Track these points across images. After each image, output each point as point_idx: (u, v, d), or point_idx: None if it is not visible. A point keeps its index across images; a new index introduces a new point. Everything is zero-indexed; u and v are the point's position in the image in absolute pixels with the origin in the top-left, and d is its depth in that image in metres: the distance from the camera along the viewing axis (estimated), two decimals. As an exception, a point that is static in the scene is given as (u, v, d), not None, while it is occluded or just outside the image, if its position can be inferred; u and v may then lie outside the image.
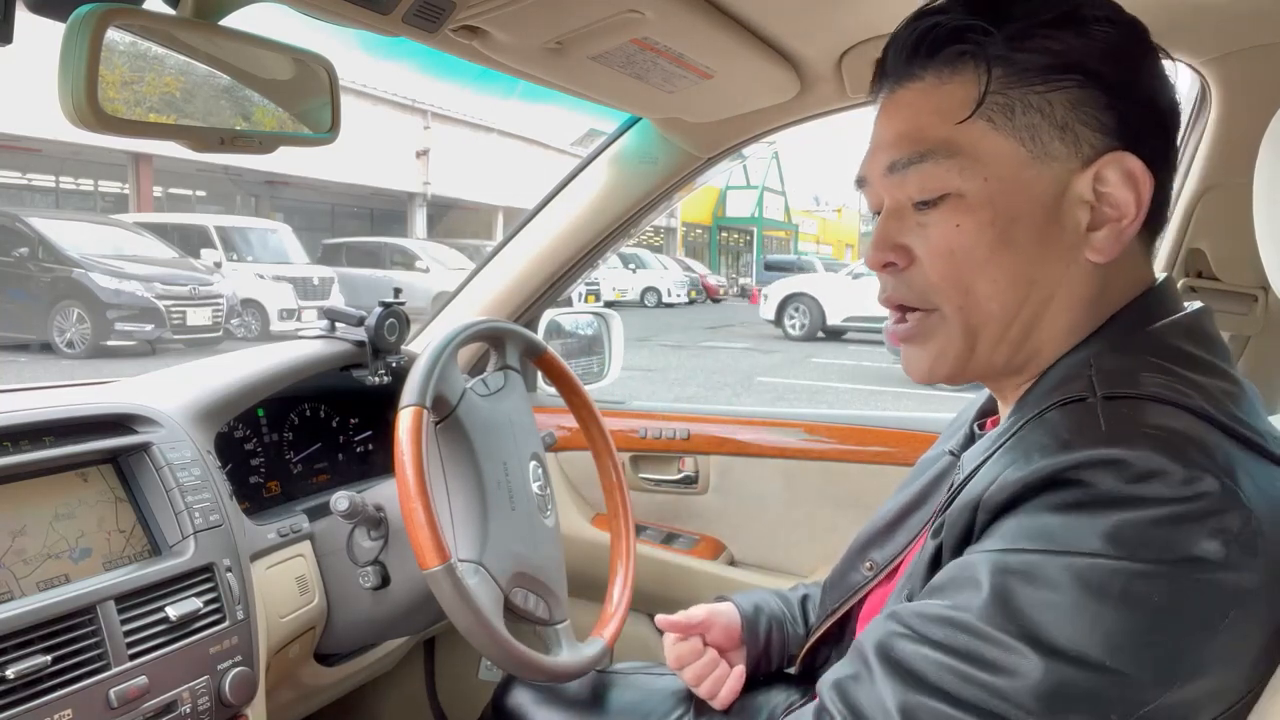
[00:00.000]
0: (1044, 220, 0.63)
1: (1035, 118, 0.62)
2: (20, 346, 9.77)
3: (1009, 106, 0.62)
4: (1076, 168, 0.63)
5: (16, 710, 0.77)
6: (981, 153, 0.63)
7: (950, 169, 0.64)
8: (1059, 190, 0.63)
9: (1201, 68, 1.12)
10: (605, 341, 1.85)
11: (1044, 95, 0.62)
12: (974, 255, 0.64)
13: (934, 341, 0.67)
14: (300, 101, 0.84)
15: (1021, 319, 0.65)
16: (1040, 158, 0.63)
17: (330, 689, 1.29)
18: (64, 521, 0.91)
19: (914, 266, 0.67)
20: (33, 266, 9.78)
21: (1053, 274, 0.64)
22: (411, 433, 0.98)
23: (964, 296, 0.65)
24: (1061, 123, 0.62)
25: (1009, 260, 0.63)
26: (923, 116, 0.65)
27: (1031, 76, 0.62)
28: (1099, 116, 0.62)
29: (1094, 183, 0.63)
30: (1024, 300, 0.64)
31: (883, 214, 0.68)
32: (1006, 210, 0.63)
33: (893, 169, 0.66)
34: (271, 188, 19.24)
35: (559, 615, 1.14)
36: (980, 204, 0.63)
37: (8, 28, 0.63)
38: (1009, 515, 0.56)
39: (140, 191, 15.18)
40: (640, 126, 1.46)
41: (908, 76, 0.67)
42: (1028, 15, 0.63)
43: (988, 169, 0.63)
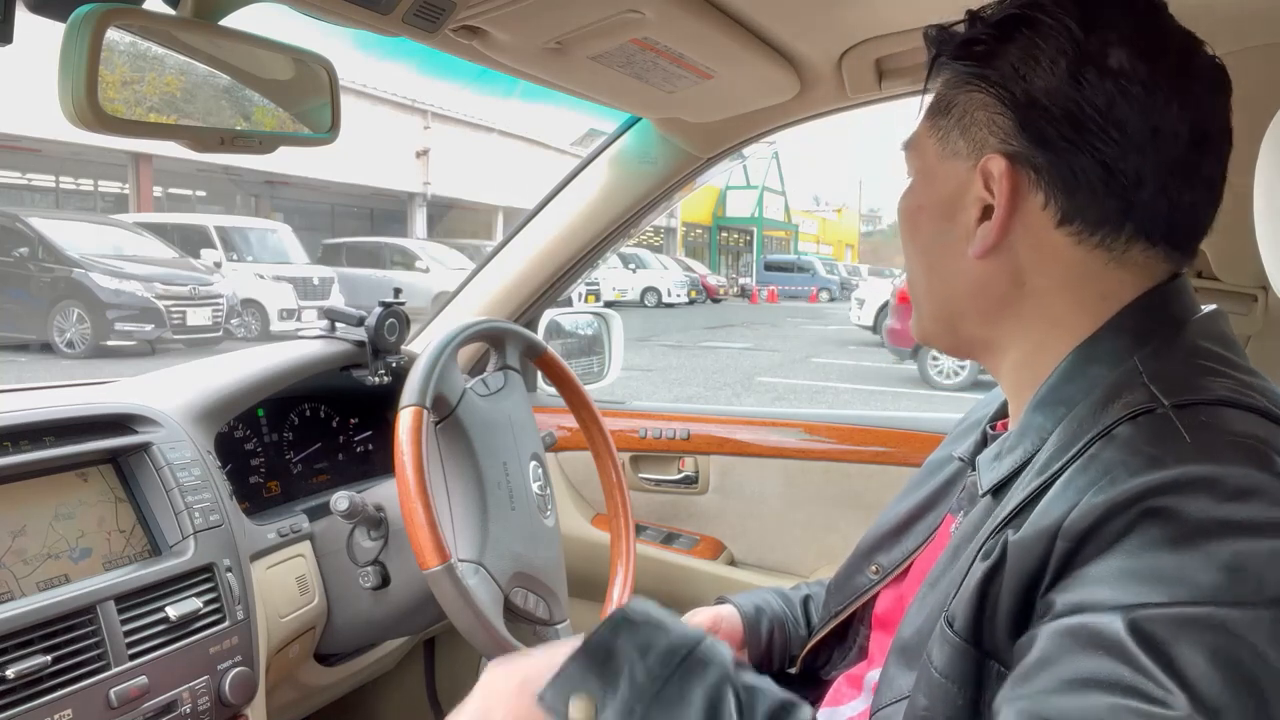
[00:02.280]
0: (941, 213, 0.69)
1: (952, 118, 0.68)
2: (20, 346, 9.77)
3: (944, 107, 0.69)
4: (970, 165, 0.66)
5: (16, 710, 0.77)
6: (921, 148, 0.71)
7: (909, 158, 0.72)
8: (959, 187, 0.67)
9: (1201, 68, 1.12)
10: (605, 341, 1.85)
11: (967, 96, 0.67)
12: (905, 237, 0.73)
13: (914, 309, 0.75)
14: (300, 101, 0.84)
15: (940, 304, 0.71)
16: (948, 155, 0.68)
17: (330, 689, 1.29)
18: (64, 521, 0.91)
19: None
20: (33, 266, 9.79)
21: (946, 264, 0.69)
22: (411, 433, 0.98)
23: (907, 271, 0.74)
24: (967, 123, 0.67)
25: (918, 246, 0.71)
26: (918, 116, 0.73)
27: (961, 80, 0.67)
28: (995, 119, 0.65)
29: (984, 182, 0.65)
30: (931, 286, 0.71)
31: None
32: (919, 199, 0.71)
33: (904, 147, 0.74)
34: (271, 188, 19.24)
35: (559, 615, 1.14)
36: (911, 192, 0.72)
37: (8, 28, 0.63)
38: (1104, 553, 0.51)
39: (140, 191, 15.18)
40: (640, 126, 1.46)
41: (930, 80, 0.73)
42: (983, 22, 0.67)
43: (919, 161, 0.71)
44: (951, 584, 0.62)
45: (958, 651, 0.59)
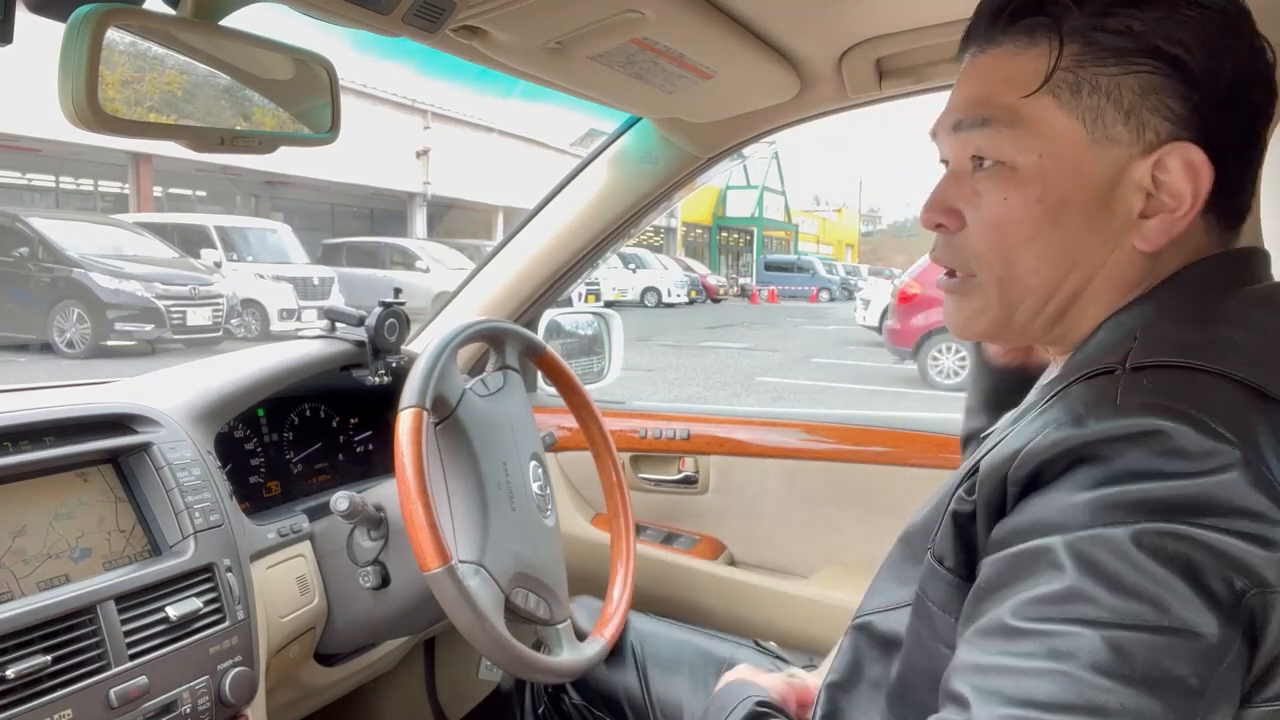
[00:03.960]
0: (1094, 203, 0.63)
1: (1101, 99, 0.62)
2: (20, 346, 9.77)
3: (1076, 85, 0.62)
4: (1137, 154, 0.62)
5: (16, 710, 0.77)
6: (1042, 128, 0.63)
7: (1008, 139, 0.64)
8: (1115, 174, 0.62)
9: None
10: (605, 341, 1.85)
11: (1114, 78, 0.61)
12: (1020, 230, 0.64)
13: (973, 300, 0.69)
14: (300, 101, 0.84)
15: (1060, 297, 0.65)
16: (1100, 140, 0.62)
17: (330, 689, 1.29)
18: (64, 521, 0.91)
19: (963, 232, 0.68)
20: (33, 266, 9.78)
21: (1096, 257, 0.64)
22: (411, 433, 0.98)
23: (1005, 269, 0.65)
24: (1128, 107, 0.61)
25: (1053, 239, 0.64)
26: (994, 83, 0.65)
27: (1105, 57, 0.61)
28: (1169, 104, 0.61)
29: (1153, 170, 0.62)
30: (1063, 279, 0.65)
31: (945, 175, 0.70)
32: (1057, 189, 0.63)
33: (957, 128, 0.67)
34: (271, 188, 19.24)
35: (559, 615, 1.14)
36: (1031, 179, 0.63)
37: (8, 28, 0.63)
38: (1037, 493, 0.55)
39: (140, 191, 15.18)
40: (640, 126, 1.46)
41: (988, 42, 0.66)
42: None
43: (1045, 145, 0.63)
44: (935, 517, 0.65)
45: (951, 587, 0.62)
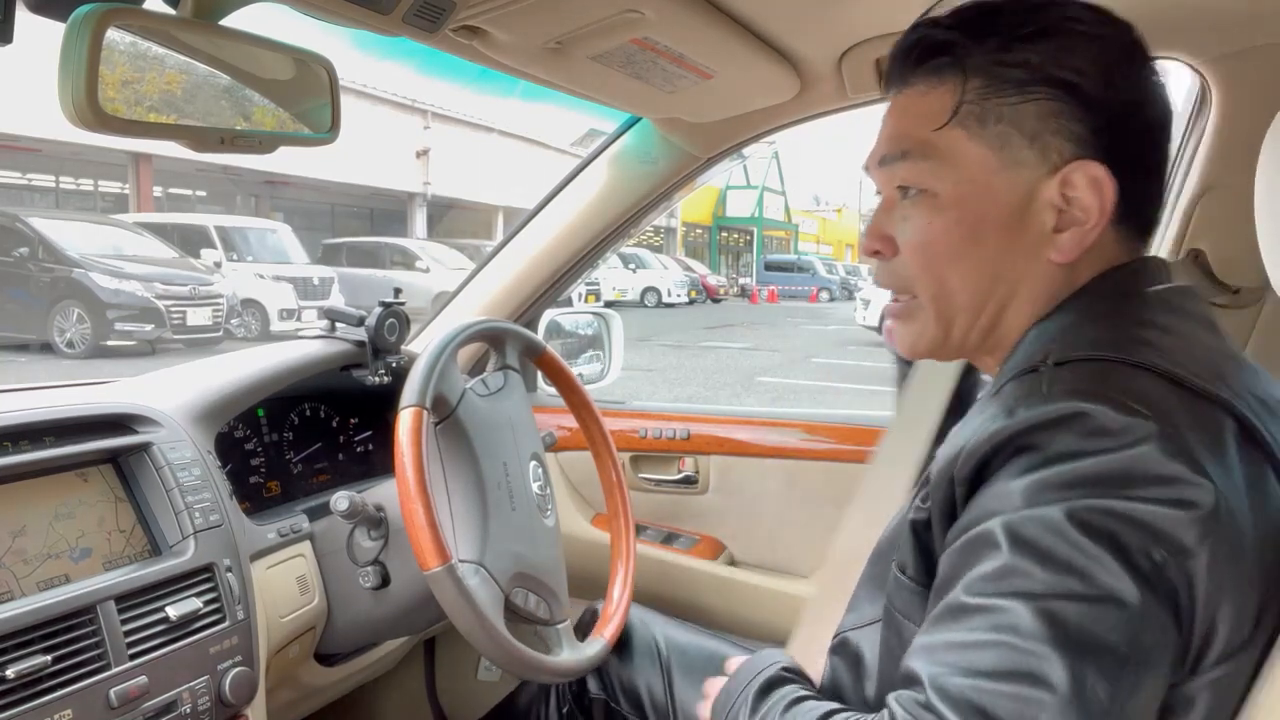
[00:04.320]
0: (1010, 222, 0.68)
1: (1006, 127, 0.67)
2: (20, 346, 9.77)
3: (983, 116, 0.68)
4: (1044, 174, 0.67)
5: (16, 710, 0.77)
6: (955, 157, 0.69)
7: (925, 169, 0.70)
8: (1027, 195, 0.68)
9: (1201, 68, 1.12)
10: (605, 341, 1.85)
11: (1016, 106, 0.67)
12: (945, 250, 0.70)
13: (915, 323, 0.74)
14: (300, 101, 0.84)
15: (989, 310, 0.71)
16: (1009, 164, 0.68)
17: (330, 689, 1.29)
18: (64, 521, 0.91)
19: (897, 257, 0.73)
20: (33, 266, 9.78)
21: (1017, 270, 0.69)
22: (411, 433, 0.98)
23: (938, 286, 0.71)
24: (1031, 132, 0.67)
25: (976, 256, 0.69)
26: (909, 120, 0.72)
27: (1006, 89, 0.67)
28: (1069, 126, 0.67)
29: (1061, 188, 0.67)
30: (990, 292, 0.70)
31: (878, 206, 0.75)
32: (975, 211, 0.69)
33: (882, 163, 0.73)
34: (271, 188, 19.23)
35: (559, 615, 1.14)
36: (951, 204, 0.69)
37: (8, 28, 0.63)
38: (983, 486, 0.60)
39: (140, 191, 15.17)
40: (640, 126, 1.46)
41: (903, 82, 0.73)
42: (1010, 29, 0.67)
43: (959, 172, 0.69)
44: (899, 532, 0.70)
45: (914, 594, 0.67)
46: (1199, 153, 1.21)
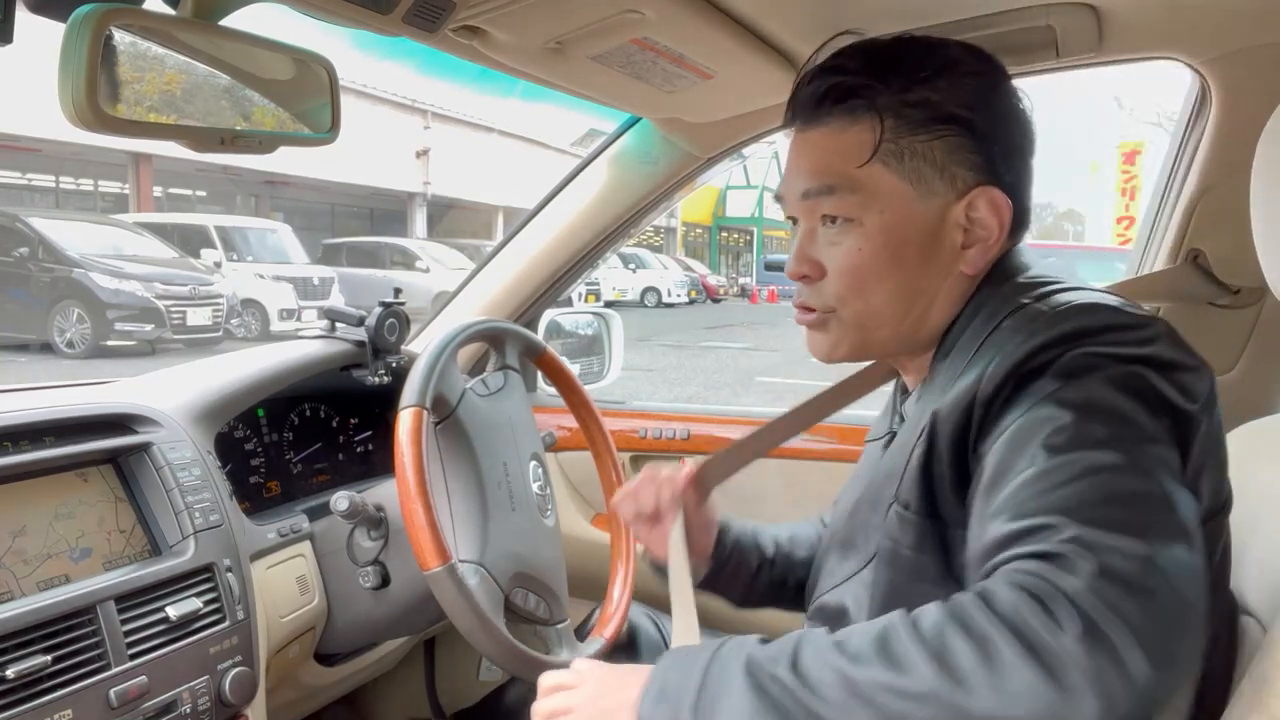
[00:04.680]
0: (927, 243, 0.77)
1: (920, 161, 0.76)
2: (20, 346, 9.76)
3: (899, 153, 0.76)
4: (953, 199, 0.77)
5: (16, 710, 0.77)
6: (878, 189, 0.77)
7: (853, 202, 0.77)
8: (939, 218, 0.77)
9: (1201, 68, 1.12)
10: (605, 341, 1.85)
11: (927, 143, 0.76)
12: (872, 272, 0.78)
13: (831, 333, 0.81)
14: (300, 101, 0.84)
15: (911, 317, 0.79)
16: (924, 194, 0.77)
17: (330, 689, 1.29)
18: (64, 521, 0.91)
19: (824, 279, 0.80)
20: (33, 266, 9.78)
21: (934, 283, 0.78)
22: (411, 433, 0.98)
23: (864, 304, 0.79)
24: (940, 164, 0.76)
25: (900, 276, 0.77)
26: (830, 155, 0.78)
27: (916, 127, 0.76)
28: (969, 157, 0.77)
29: (966, 210, 0.77)
30: (912, 305, 0.79)
31: (799, 234, 0.82)
32: (898, 236, 0.77)
33: (806, 195, 0.80)
34: (271, 188, 19.23)
35: (559, 615, 1.14)
36: (876, 231, 0.77)
37: (8, 28, 0.63)
38: (1009, 406, 0.66)
39: (140, 191, 15.17)
40: (640, 126, 1.46)
41: (816, 120, 0.80)
42: (910, 71, 0.77)
43: (882, 203, 0.77)
44: (893, 472, 0.75)
45: (920, 529, 0.72)
46: (1199, 153, 1.21)
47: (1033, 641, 0.52)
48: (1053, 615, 0.53)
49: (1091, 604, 0.52)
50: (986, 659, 0.52)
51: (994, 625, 0.53)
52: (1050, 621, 0.52)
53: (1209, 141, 1.18)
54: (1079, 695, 0.51)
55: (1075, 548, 0.55)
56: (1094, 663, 0.51)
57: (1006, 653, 0.52)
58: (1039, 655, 0.52)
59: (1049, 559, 0.56)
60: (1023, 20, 0.98)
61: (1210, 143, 1.18)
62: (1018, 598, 0.54)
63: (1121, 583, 0.53)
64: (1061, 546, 0.55)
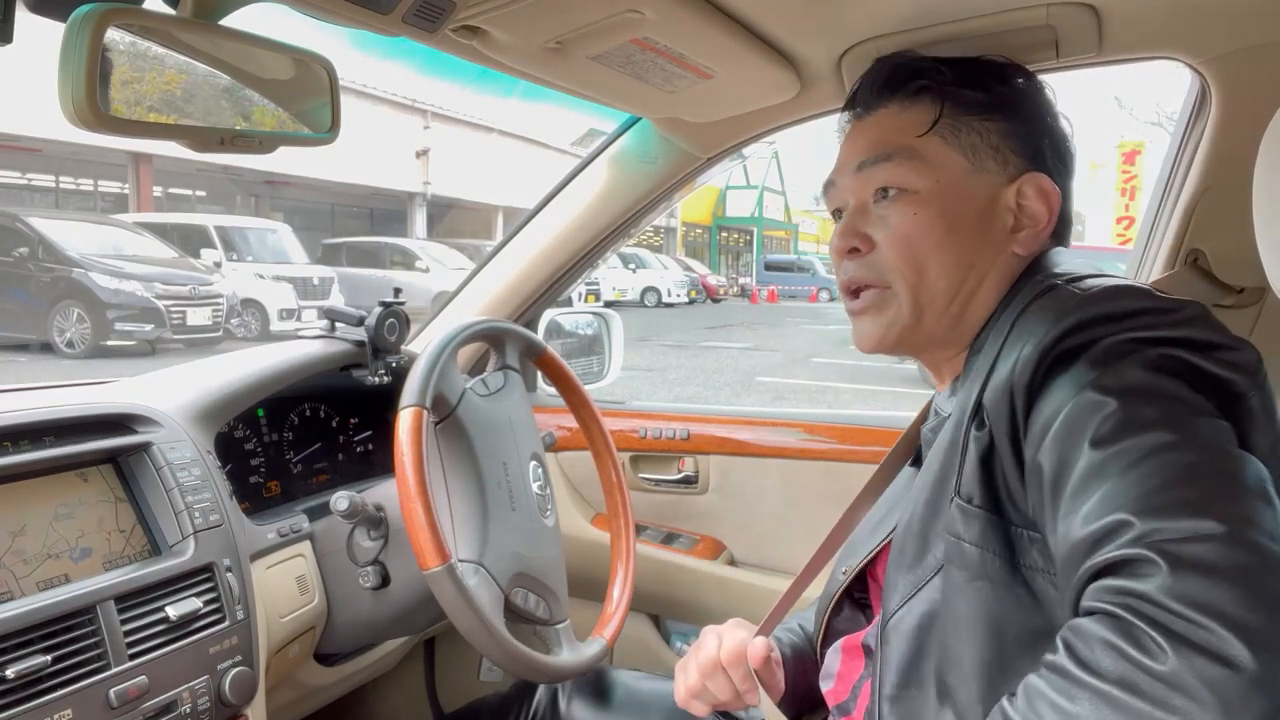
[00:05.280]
0: (980, 218, 0.80)
1: (976, 139, 0.81)
2: (20, 346, 9.77)
3: (956, 128, 0.81)
4: (1004, 182, 0.81)
5: (16, 710, 0.77)
6: (935, 160, 0.80)
7: (910, 169, 0.80)
8: (991, 197, 0.80)
9: (1201, 68, 1.12)
10: (605, 341, 1.85)
11: (982, 123, 0.81)
12: (927, 239, 0.79)
13: (885, 314, 0.82)
14: (300, 101, 0.84)
15: (961, 295, 0.80)
16: (979, 170, 0.80)
17: (330, 689, 1.29)
18: (64, 521, 0.91)
19: (874, 251, 0.81)
20: (33, 266, 9.78)
21: (986, 260, 0.80)
22: (411, 433, 0.98)
23: (917, 274, 0.80)
24: (995, 145, 0.81)
25: (954, 245, 0.79)
26: (888, 131, 0.83)
27: (973, 109, 0.81)
28: (1022, 144, 0.81)
29: (1016, 195, 0.80)
30: (964, 279, 0.79)
31: (848, 211, 0.84)
32: (953, 206, 0.79)
33: (861, 167, 0.83)
34: (271, 188, 19.23)
35: (559, 615, 1.14)
36: (931, 199, 0.79)
37: (8, 28, 0.63)
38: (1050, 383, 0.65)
39: (140, 191, 15.17)
40: (640, 126, 1.46)
41: (878, 104, 0.85)
42: (968, 66, 0.84)
43: (939, 173, 0.80)
44: (951, 467, 0.73)
45: (986, 523, 0.69)
46: (1199, 153, 1.21)
47: (1133, 681, 0.51)
48: (1140, 644, 0.52)
49: (1176, 611, 0.51)
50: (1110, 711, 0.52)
51: (1095, 677, 0.53)
52: (1141, 652, 0.52)
53: (1209, 141, 1.18)
54: (1201, 715, 0.49)
55: (1146, 548, 0.54)
56: (1195, 676, 0.50)
57: (1119, 697, 0.52)
58: (1142, 693, 0.51)
59: (1123, 570, 0.55)
60: (1023, 20, 0.98)
61: (1210, 143, 1.18)
62: (1104, 636, 0.53)
63: (1202, 572, 0.52)
64: (1132, 550, 0.55)
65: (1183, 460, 0.57)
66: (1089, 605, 0.56)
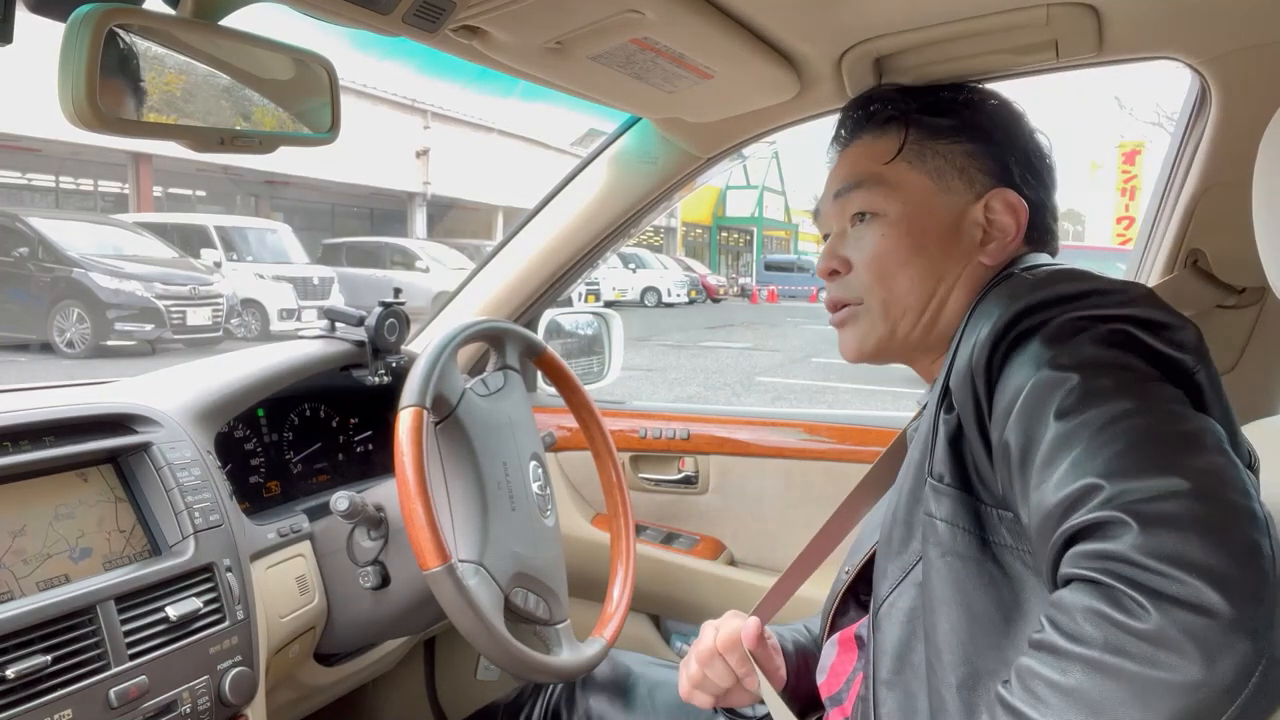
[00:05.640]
0: (947, 235, 0.85)
1: (940, 161, 0.86)
2: (20, 346, 9.77)
3: (921, 153, 0.87)
4: (971, 199, 0.86)
5: (16, 710, 0.77)
6: (901, 184, 0.86)
7: (878, 194, 0.87)
8: (959, 215, 0.85)
9: (1201, 68, 1.12)
10: (605, 341, 1.85)
11: (948, 146, 0.86)
12: (895, 258, 0.85)
13: (860, 327, 0.89)
14: (300, 101, 0.84)
15: (932, 306, 0.85)
16: (944, 190, 0.86)
17: (330, 689, 1.29)
18: (64, 521, 0.91)
19: (851, 273, 0.89)
20: (33, 266, 9.78)
21: (954, 271, 0.85)
22: (411, 433, 0.98)
23: (887, 291, 0.86)
24: (960, 166, 0.86)
25: (922, 262, 0.85)
26: (860, 161, 0.90)
27: (939, 134, 0.87)
28: (988, 164, 0.86)
29: (984, 210, 0.85)
30: (933, 291, 0.85)
31: (831, 235, 0.92)
32: (919, 225, 0.85)
33: (838, 195, 0.90)
34: (271, 188, 19.23)
35: (559, 615, 1.14)
36: (899, 220, 0.86)
37: (8, 28, 0.63)
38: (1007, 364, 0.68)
39: (140, 191, 15.17)
40: (640, 126, 1.46)
41: (853, 137, 0.92)
42: (936, 95, 0.91)
43: (906, 195, 0.86)
44: (925, 447, 0.77)
45: (956, 500, 0.73)
46: (1199, 153, 1.21)
47: (1120, 645, 0.52)
48: (1121, 605, 0.53)
49: (1150, 567, 0.52)
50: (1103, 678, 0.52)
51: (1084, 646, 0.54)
52: (1123, 614, 0.53)
53: (1209, 141, 1.18)
54: (1187, 667, 0.50)
55: (1116, 509, 0.55)
56: (1177, 628, 0.51)
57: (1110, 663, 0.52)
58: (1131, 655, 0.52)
59: (1096, 533, 0.56)
60: (1022, 20, 0.98)
61: (1210, 143, 1.18)
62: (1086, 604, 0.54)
63: (1172, 526, 0.53)
64: (1103, 512, 0.55)
65: (1144, 424, 0.59)
66: (1067, 573, 0.57)
